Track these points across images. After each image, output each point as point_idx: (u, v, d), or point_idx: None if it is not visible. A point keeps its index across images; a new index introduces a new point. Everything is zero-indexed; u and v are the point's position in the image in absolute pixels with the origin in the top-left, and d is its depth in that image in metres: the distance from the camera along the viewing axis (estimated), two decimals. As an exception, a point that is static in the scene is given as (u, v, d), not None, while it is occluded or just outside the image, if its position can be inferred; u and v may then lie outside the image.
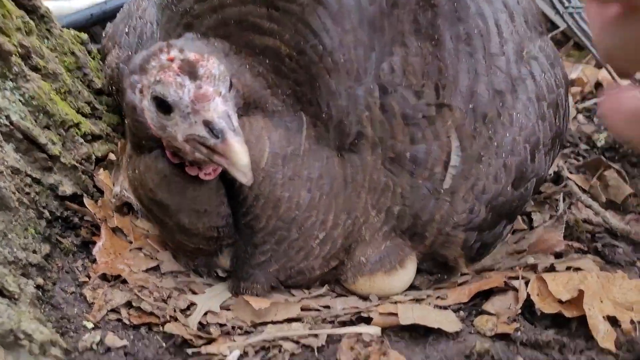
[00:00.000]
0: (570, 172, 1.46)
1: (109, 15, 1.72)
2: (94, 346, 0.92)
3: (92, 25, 1.77)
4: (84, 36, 1.42)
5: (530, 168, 1.04)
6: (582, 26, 1.73)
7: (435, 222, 1.00)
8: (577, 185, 1.36)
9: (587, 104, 1.79)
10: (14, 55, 1.07)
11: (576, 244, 1.12)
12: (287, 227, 1.01)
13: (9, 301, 0.82)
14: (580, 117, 1.77)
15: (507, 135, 1.01)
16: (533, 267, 1.05)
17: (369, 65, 0.99)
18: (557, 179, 1.45)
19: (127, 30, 1.28)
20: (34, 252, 1.04)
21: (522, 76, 1.04)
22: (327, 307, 1.05)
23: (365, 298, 1.08)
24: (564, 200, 1.29)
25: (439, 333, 0.94)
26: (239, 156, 0.82)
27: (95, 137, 1.30)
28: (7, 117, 1.06)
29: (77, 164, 1.21)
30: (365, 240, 1.04)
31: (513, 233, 1.24)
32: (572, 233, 1.17)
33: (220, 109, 0.84)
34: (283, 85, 1.02)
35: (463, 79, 0.99)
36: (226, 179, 0.99)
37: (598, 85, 1.89)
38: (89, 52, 1.42)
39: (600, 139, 1.59)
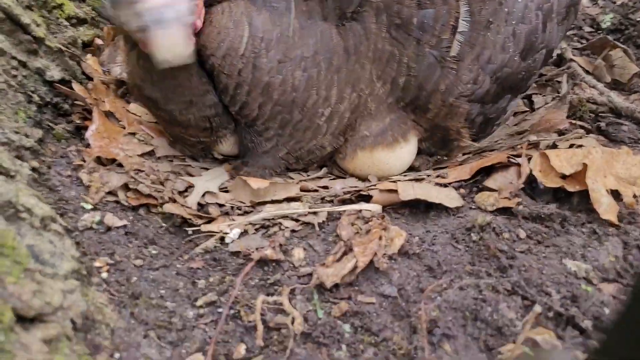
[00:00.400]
0: (574, 55, 1.41)
1: None
2: (94, 225, 0.92)
3: None
4: None
5: (541, 38, 0.99)
6: None
7: (439, 92, 0.97)
8: (580, 66, 1.32)
9: (594, -15, 1.70)
10: None
11: (580, 123, 1.09)
12: (288, 110, 0.98)
13: (6, 177, 0.80)
14: (585, 0, 1.70)
15: (519, 0, 0.96)
16: (535, 145, 1.03)
17: None
18: (560, 61, 1.40)
19: None
20: (26, 135, 1.01)
21: None
22: (326, 187, 1.04)
23: (363, 179, 1.07)
24: (567, 81, 1.26)
25: (439, 209, 0.93)
26: (156, 50, 0.82)
27: (80, 21, 1.24)
28: (-14, -7, 0.99)
29: (64, 48, 1.15)
30: (371, 113, 1.01)
31: (514, 115, 1.22)
32: (576, 113, 1.15)
33: (153, 2, 0.80)
34: None
35: None
36: (206, 69, 0.96)
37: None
38: None
39: (606, 21, 1.53)
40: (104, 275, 0.83)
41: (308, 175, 1.09)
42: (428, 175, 1.04)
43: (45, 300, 0.62)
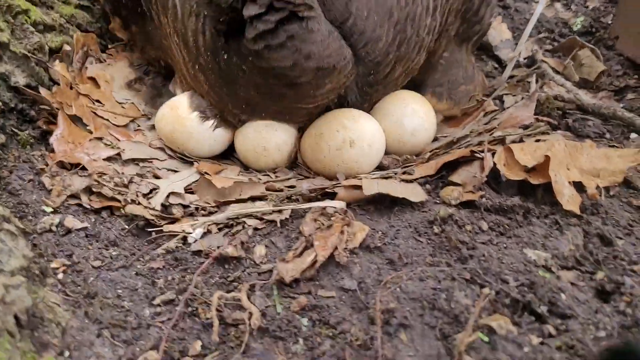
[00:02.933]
0: (545, 56, 1.42)
1: None
2: (54, 228, 0.90)
3: None
4: None
5: None
6: None
7: None
8: (550, 67, 1.33)
9: (565, -10, 1.72)
10: None
11: (546, 119, 1.09)
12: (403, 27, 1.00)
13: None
14: (558, 5, 1.71)
15: None
16: (501, 140, 1.02)
17: None
18: (532, 63, 1.41)
19: None
20: (-14, 140, 1.00)
21: None
22: (292, 187, 1.03)
23: (332, 179, 1.06)
24: (536, 81, 1.26)
25: (404, 204, 0.92)
26: None
27: (47, 28, 1.23)
28: (-56, -3, 0.99)
29: (29, 54, 1.15)
30: None
31: (484, 115, 1.21)
32: (543, 110, 1.15)
33: None
34: None
35: None
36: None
37: (578, -28, 1.83)
38: None
39: (577, 23, 1.54)
40: (60, 276, 0.81)
41: (277, 177, 1.08)
42: (395, 173, 1.03)
43: (-14, 294, 0.60)
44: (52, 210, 0.95)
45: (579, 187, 0.92)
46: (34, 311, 0.67)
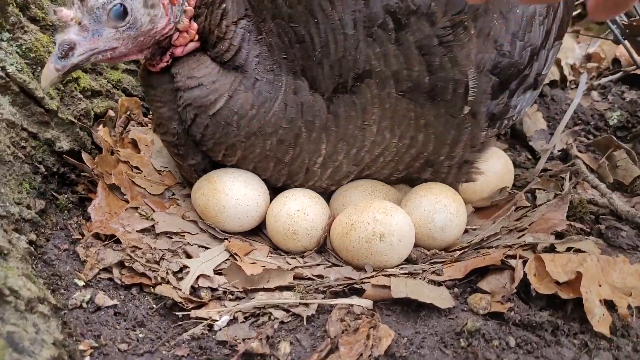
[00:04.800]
0: (580, 151, 1.42)
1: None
2: (84, 304, 0.92)
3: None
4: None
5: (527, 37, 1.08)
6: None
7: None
8: (585, 164, 1.33)
9: (603, 80, 1.73)
10: (10, 5, 1.05)
11: (579, 225, 1.09)
12: (261, 161, 1.12)
13: (-2, 256, 0.81)
14: (595, 94, 1.72)
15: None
16: (532, 247, 1.02)
17: None
18: (566, 156, 1.41)
19: None
20: (28, 207, 1.03)
21: None
22: (320, 276, 1.03)
23: (359, 269, 1.06)
24: (570, 179, 1.26)
25: (431, 308, 0.92)
26: (42, 75, 0.95)
27: (94, 93, 1.28)
28: (3, 68, 1.04)
29: (75, 120, 1.19)
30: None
31: (516, 210, 1.21)
32: (576, 214, 1.14)
33: (62, 36, 0.94)
34: (271, 34, 1.04)
35: None
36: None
37: (615, 61, 1.84)
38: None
39: (613, 118, 1.55)
40: (87, 359, 0.83)
41: (305, 262, 1.09)
42: (424, 270, 1.03)
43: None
44: (84, 284, 0.96)
45: (609, 304, 0.91)
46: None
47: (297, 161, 1.10)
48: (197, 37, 1.05)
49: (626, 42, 1.57)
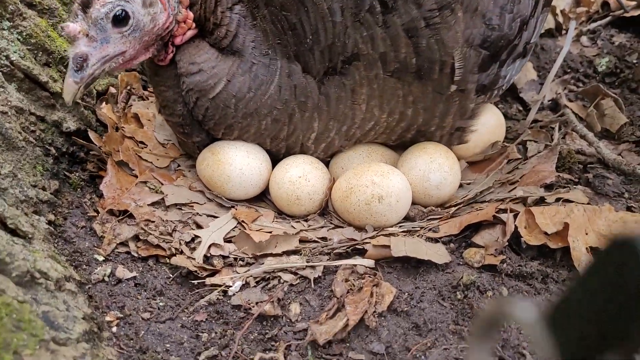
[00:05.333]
0: (570, 100, 1.47)
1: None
2: (106, 278, 0.99)
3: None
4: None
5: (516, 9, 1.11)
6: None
7: None
8: (574, 113, 1.38)
9: (592, 25, 1.75)
10: (8, -4, 1.07)
11: (567, 176, 1.15)
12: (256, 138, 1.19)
13: (24, 241, 0.87)
14: (584, 39, 1.74)
15: None
16: (523, 200, 1.08)
17: None
18: (556, 106, 1.46)
19: None
20: (44, 188, 1.08)
21: None
22: (324, 238, 1.10)
23: (360, 229, 1.13)
24: (559, 129, 1.31)
25: (429, 264, 0.99)
26: (63, 91, 1.03)
27: (95, 72, 1.31)
28: (7, 57, 1.07)
29: (79, 100, 1.23)
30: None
31: (508, 163, 1.27)
32: (565, 164, 1.20)
33: (74, 50, 1.00)
34: (264, 20, 1.08)
35: None
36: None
37: (605, 4, 1.85)
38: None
39: (602, 64, 1.58)
40: (114, 329, 0.90)
41: (309, 225, 1.15)
42: (422, 227, 1.10)
43: (59, 368, 0.69)
44: (104, 258, 1.03)
45: (596, 251, 0.98)
46: (97, 376, 0.76)
47: (292, 137, 1.17)
48: (194, 25, 1.10)
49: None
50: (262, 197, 1.26)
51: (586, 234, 1.00)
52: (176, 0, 1.07)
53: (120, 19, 1.00)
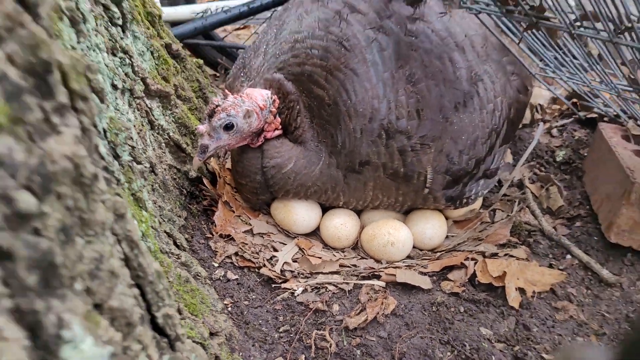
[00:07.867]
0: (532, 182, 2.08)
1: (208, 29, 2.33)
2: (221, 278, 1.62)
3: (195, 36, 2.38)
4: (200, 61, 2.05)
5: (473, 152, 1.65)
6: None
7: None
8: (532, 192, 1.99)
9: (561, 122, 2.36)
10: (172, 95, 1.72)
11: (514, 239, 1.76)
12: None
13: (186, 253, 1.50)
14: (555, 131, 2.35)
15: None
16: (483, 253, 1.70)
17: (378, 112, 1.60)
18: (521, 185, 2.07)
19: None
20: (179, 216, 1.72)
21: (471, 92, 1.59)
22: (355, 265, 1.72)
23: (378, 261, 1.75)
24: (519, 204, 1.92)
25: (418, 288, 1.61)
26: (192, 164, 1.64)
27: (209, 137, 1.95)
28: (167, 133, 1.71)
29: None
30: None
31: (480, 224, 1.88)
32: (516, 230, 1.81)
33: (200, 141, 1.59)
34: (318, 126, 1.67)
35: (433, 99, 1.59)
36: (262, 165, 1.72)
37: (574, 104, 2.46)
38: (202, 71, 2.06)
39: (559, 155, 2.19)
40: (229, 309, 1.53)
41: (345, 256, 1.78)
42: (417, 264, 1.72)
43: (218, 325, 1.32)
44: (218, 265, 1.66)
45: (522, 290, 1.59)
46: (231, 333, 1.38)
47: (328, 201, 1.77)
48: (280, 127, 1.70)
49: (572, 99, 2.21)
50: (315, 233, 1.89)
51: (517, 279, 1.61)
52: (267, 111, 1.67)
53: (229, 127, 1.60)
